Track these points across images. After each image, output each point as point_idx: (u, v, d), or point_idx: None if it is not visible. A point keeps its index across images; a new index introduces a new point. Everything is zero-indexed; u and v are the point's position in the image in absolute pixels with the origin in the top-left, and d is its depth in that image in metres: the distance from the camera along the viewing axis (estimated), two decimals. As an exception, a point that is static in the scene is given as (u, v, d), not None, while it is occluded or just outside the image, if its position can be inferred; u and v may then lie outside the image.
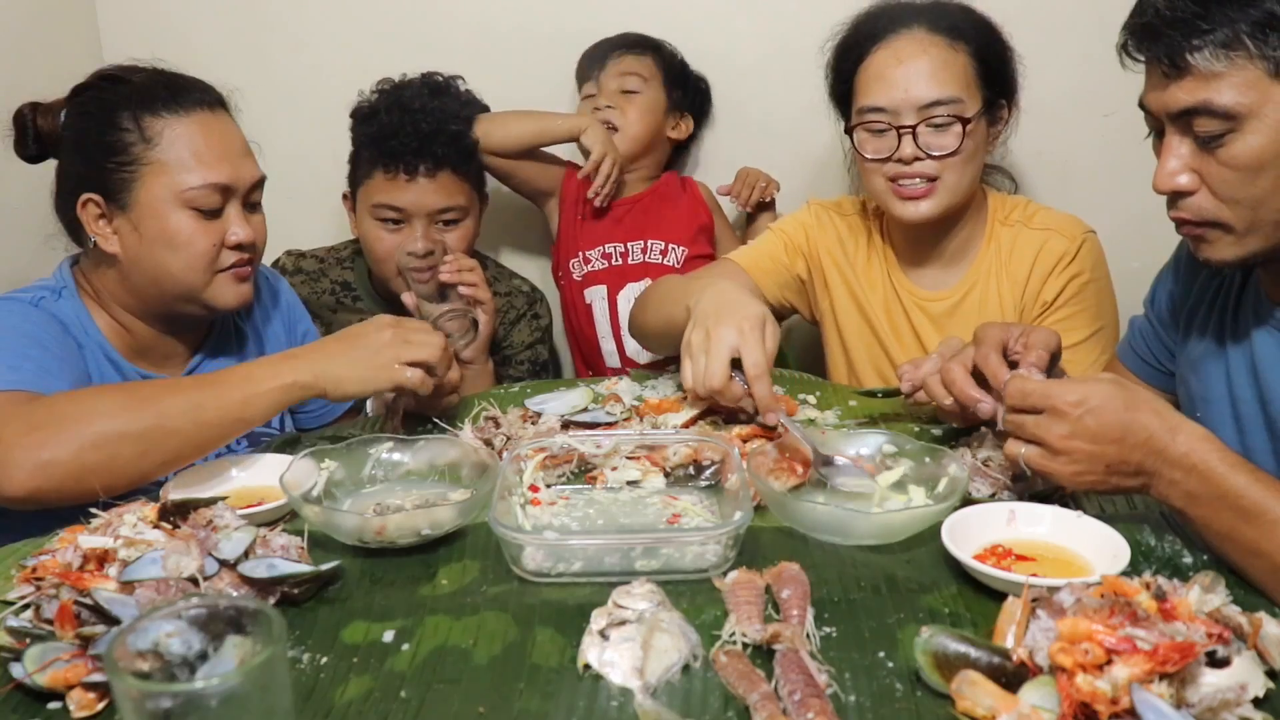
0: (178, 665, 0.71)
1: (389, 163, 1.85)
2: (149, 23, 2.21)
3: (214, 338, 1.54)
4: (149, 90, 1.39)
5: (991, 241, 1.65)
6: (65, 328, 1.39)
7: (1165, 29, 1.06)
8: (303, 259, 2.03)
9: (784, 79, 2.10)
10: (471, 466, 1.18)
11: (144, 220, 1.37)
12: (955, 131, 1.51)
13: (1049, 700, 0.76)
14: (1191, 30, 1.04)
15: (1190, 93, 1.06)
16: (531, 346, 2.04)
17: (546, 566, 1.01)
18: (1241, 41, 1.02)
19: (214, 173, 1.38)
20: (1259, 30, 1.02)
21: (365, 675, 0.88)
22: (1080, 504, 1.12)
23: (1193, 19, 1.04)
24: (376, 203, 1.87)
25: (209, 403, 1.20)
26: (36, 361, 1.27)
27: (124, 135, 1.36)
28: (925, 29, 1.54)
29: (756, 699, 0.80)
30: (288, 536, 1.01)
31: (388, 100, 1.91)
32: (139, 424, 1.16)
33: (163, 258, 1.38)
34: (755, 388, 1.26)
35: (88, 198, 1.38)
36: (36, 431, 1.14)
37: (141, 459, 1.16)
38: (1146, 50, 1.10)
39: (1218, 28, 1.03)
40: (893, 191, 1.56)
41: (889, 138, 1.54)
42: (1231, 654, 0.79)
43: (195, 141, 1.38)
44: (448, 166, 1.87)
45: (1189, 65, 1.05)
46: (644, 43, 2.10)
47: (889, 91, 1.53)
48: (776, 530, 1.10)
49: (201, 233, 1.39)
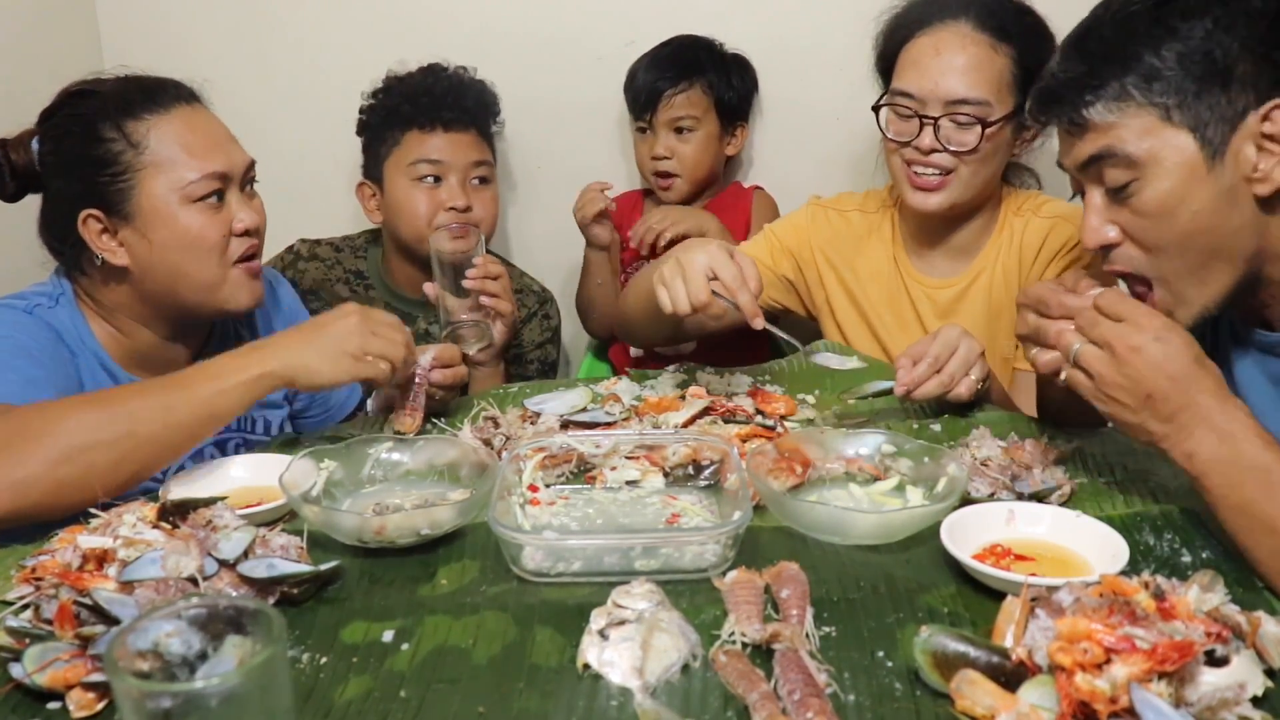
0: (178, 665, 0.71)
1: (424, 118, 1.90)
2: (149, 23, 2.20)
3: (214, 343, 1.53)
4: (123, 96, 1.37)
5: (1003, 231, 1.66)
6: (59, 336, 1.37)
7: (1061, 90, 1.13)
8: (318, 246, 2.04)
9: (824, 68, 2.11)
10: (471, 466, 1.18)
11: (151, 226, 1.36)
12: (976, 132, 1.53)
13: (1048, 699, 0.76)
14: (1084, 87, 1.10)
15: (1093, 143, 1.11)
16: (541, 346, 2.04)
17: (546, 566, 1.01)
18: (1129, 93, 1.08)
19: (209, 162, 1.37)
20: (1143, 81, 1.08)
21: (365, 675, 0.88)
22: (1078, 503, 1.12)
23: (1083, 77, 1.11)
24: (414, 159, 1.89)
25: (179, 403, 1.17)
26: (21, 373, 1.26)
27: (110, 145, 1.34)
28: (972, 24, 1.55)
29: (756, 699, 0.80)
30: (287, 536, 1.01)
31: (408, 74, 1.96)
32: (110, 432, 1.13)
33: (177, 259, 1.37)
34: (740, 298, 1.29)
35: (87, 214, 1.35)
36: (6, 450, 1.10)
37: (116, 468, 1.13)
38: (1049, 112, 1.16)
39: (1106, 83, 1.10)
40: (908, 177, 1.59)
41: (912, 124, 1.56)
42: (1230, 653, 0.79)
43: (184, 136, 1.37)
44: (475, 126, 1.93)
45: (1086, 120, 1.11)
46: (690, 67, 2.05)
47: (920, 80, 1.55)
48: (776, 530, 1.10)
49: (211, 225, 1.37)
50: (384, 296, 2.00)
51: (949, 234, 1.67)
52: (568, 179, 2.29)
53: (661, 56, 2.07)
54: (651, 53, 2.08)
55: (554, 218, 2.32)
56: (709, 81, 2.06)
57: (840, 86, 1.86)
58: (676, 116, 2.06)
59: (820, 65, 2.13)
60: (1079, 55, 1.12)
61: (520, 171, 2.29)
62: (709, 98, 2.06)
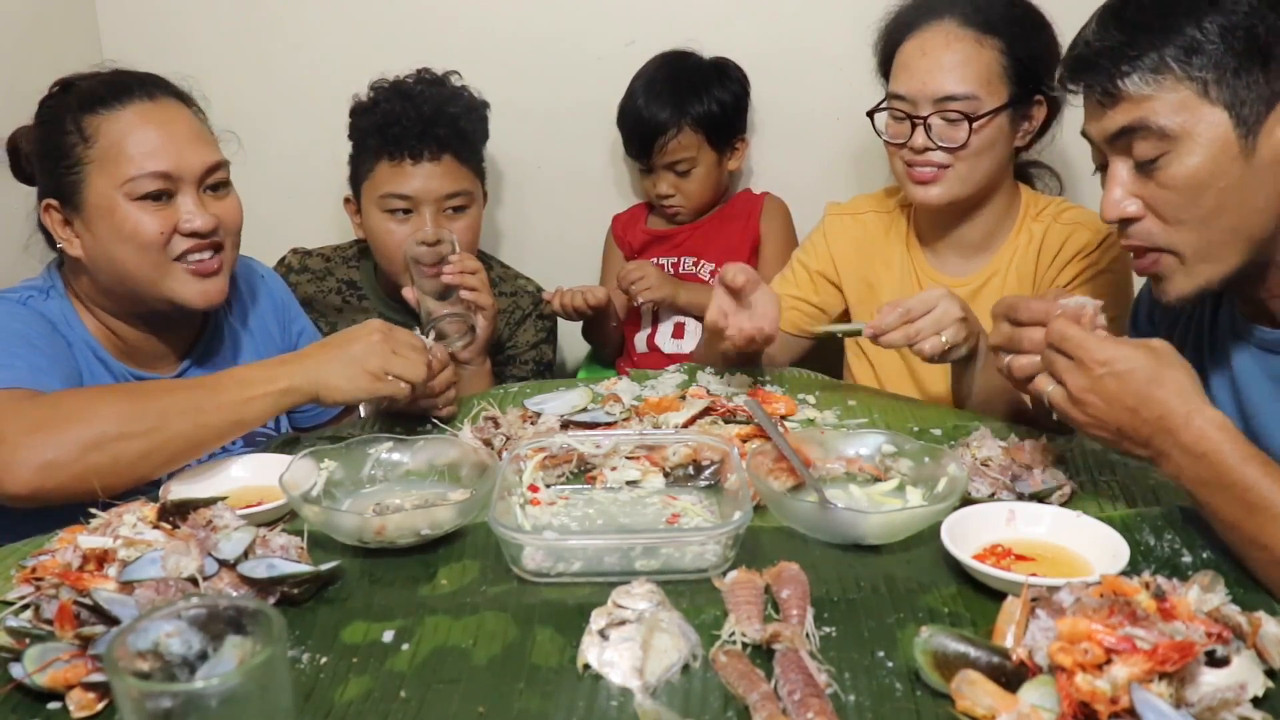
0: (178, 665, 0.71)
1: (393, 149, 1.85)
2: (149, 23, 2.20)
3: (205, 340, 1.54)
4: (91, 91, 1.39)
5: (1021, 234, 1.68)
6: (54, 326, 1.39)
7: (1096, 59, 1.11)
8: (309, 257, 2.03)
9: (825, 69, 2.12)
10: (471, 466, 1.18)
11: (94, 219, 1.37)
12: (965, 127, 1.55)
13: (1048, 700, 0.76)
14: (1120, 57, 1.09)
15: (1126, 114, 1.09)
16: (536, 346, 2.04)
17: (546, 566, 1.01)
18: (1168, 65, 1.07)
19: (152, 160, 1.36)
20: (1184, 54, 1.06)
21: (365, 675, 0.88)
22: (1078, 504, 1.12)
23: (1120, 47, 1.09)
24: (384, 193, 1.86)
25: (208, 405, 1.21)
26: (27, 359, 1.28)
27: (67, 138, 1.36)
28: (957, 22, 1.57)
29: (756, 699, 0.80)
30: (287, 536, 1.01)
31: (387, 92, 1.91)
32: (141, 425, 1.17)
33: (116, 252, 1.37)
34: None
35: (47, 203, 1.39)
36: (39, 431, 1.14)
37: (143, 460, 1.17)
38: (1081, 80, 1.14)
39: (1144, 53, 1.07)
40: (908, 174, 1.62)
41: (906, 125, 1.59)
42: (1231, 653, 0.79)
43: (134, 133, 1.36)
44: (450, 151, 1.87)
45: (1121, 91, 1.09)
46: (676, 104, 2.05)
47: (909, 82, 1.58)
48: (776, 530, 1.10)
49: (149, 222, 1.36)
50: (377, 306, 1.98)
51: (960, 227, 1.68)
52: (567, 179, 2.29)
53: (650, 97, 2.07)
54: (641, 90, 2.07)
55: (552, 218, 2.32)
56: (695, 117, 2.06)
57: (841, 87, 1.86)
58: (673, 161, 2.09)
59: (821, 66, 2.13)
60: (1117, 23, 1.10)
61: (520, 172, 2.29)
62: (699, 134, 2.07)
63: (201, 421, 1.20)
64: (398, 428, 1.36)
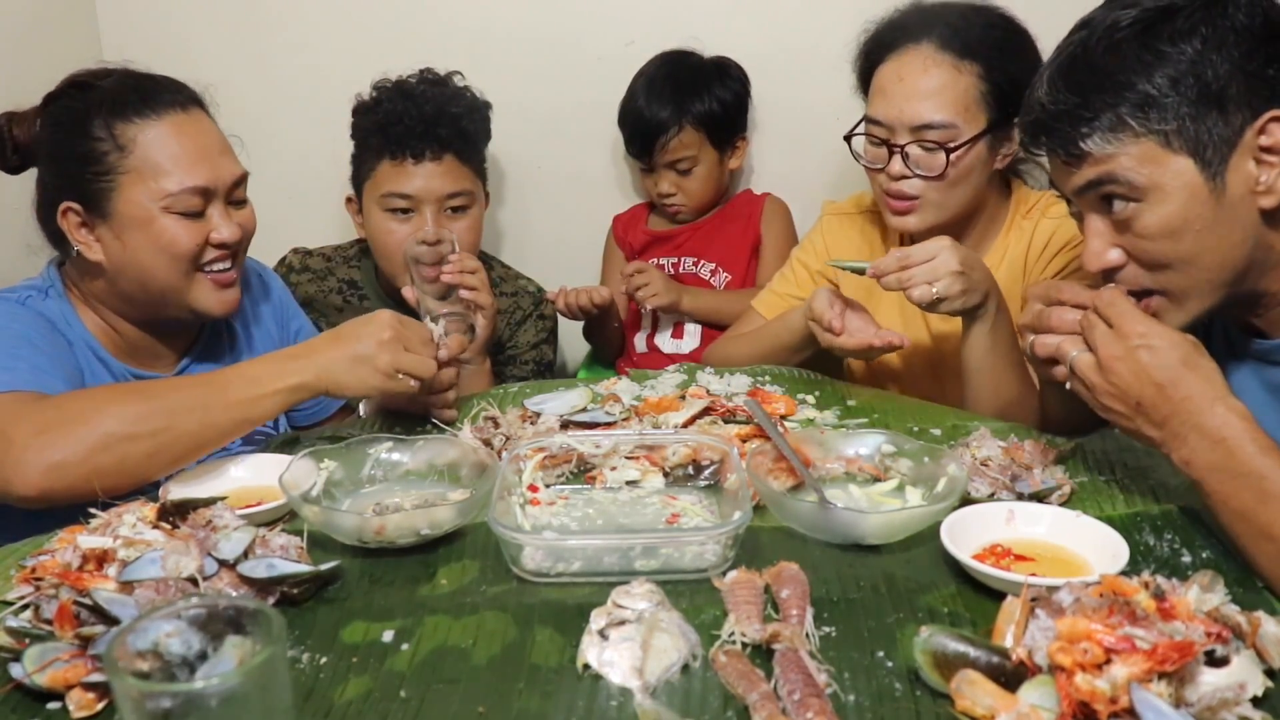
0: (178, 665, 0.71)
1: (395, 149, 1.85)
2: (149, 23, 2.21)
3: (204, 338, 1.54)
4: (119, 95, 1.37)
5: (1011, 232, 1.67)
6: (53, 325, 1.38)
7: (1053, 123, 1.11)
8: (309, 257, 2.03)
9: (824, 69, 2.08)
10: (471, 466, 1.18)
11: (126, 229, 1.36)
12: (942, 158, 1.53)
13: (1048, 699, 0.76)
14: (1077, 120, 1.09)
15: (1093, 169, 1.10)
16: (537, 347, 2.04)
17: (546, 566, 1.01)
18: (1125, 123, 1.06)
19: (192, 176, 1.36)
20: (1139, 110, 1.06)
21: (365, 675, 0.88)
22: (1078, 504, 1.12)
23: (1075, 109, 1.09)
24: (385, 192, 1.87)
25: (216, 404, 1.20)
26: (29, 361, 1.27)
27: (98, 144, 1.34)
28: (935, 45, 1.54)
29: (756, 699, 0.80)
30: (287, 536, 1.01)
31: (389, 91, 1.92)
32: (149, 425, 1.17)
33: (148, 263, 1.37)
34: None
35: (67, 206, 1.36)
36: (46, 433, 1.14)
37: (150, 460, 1.17)
38: (1042, 144, 1.14)
39: (1100, 114, 1.07)
40: (885, 201, 1.60)
41: (883, 151, 1.57)
42: (1230, 653, 0.79)
43: (170, 146, 1.36)
44: (452, 150, 1.87)
45: (1083, 152, 1.09)
46: (677, 104, 2.05)
47: (886, 108, 1.56)
48: (776, 530, 1.10)
49: (185, 235, 1.37)
50: (377, 306, 1.96)
51: (950, 230, 1.66)
52: (568, 180, 2.29)
53: (651, 96, 2.07)
54: (642, 89, 2.08)
55: (553, 218, 2.32)
56: (696, 116, 2.06)
57: (841, 87, 1.84)
58: (674, 160, 2.09)
59: (821, 66, 2.11)
60: (1067, 85, 1.10)
61: (520, 172, 2.29)
62: (700, 133, 2.08)
63: (209, 420, 1.20)
64: (397, 428, 1.37)
